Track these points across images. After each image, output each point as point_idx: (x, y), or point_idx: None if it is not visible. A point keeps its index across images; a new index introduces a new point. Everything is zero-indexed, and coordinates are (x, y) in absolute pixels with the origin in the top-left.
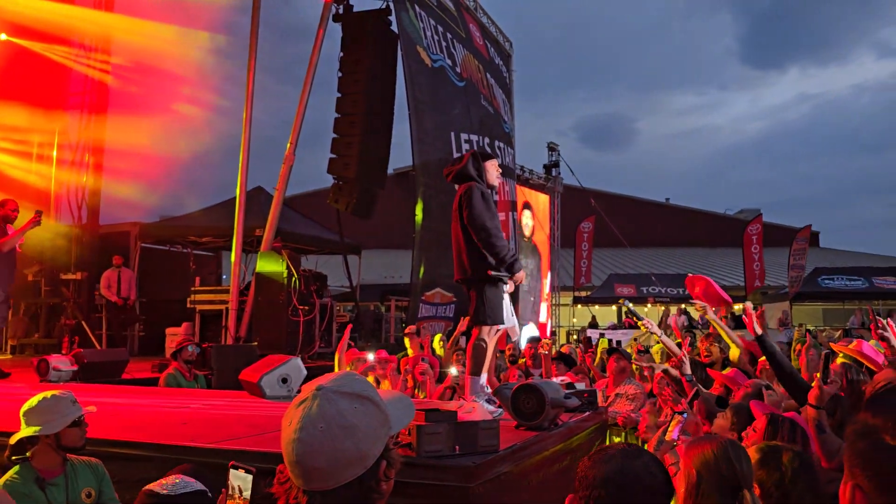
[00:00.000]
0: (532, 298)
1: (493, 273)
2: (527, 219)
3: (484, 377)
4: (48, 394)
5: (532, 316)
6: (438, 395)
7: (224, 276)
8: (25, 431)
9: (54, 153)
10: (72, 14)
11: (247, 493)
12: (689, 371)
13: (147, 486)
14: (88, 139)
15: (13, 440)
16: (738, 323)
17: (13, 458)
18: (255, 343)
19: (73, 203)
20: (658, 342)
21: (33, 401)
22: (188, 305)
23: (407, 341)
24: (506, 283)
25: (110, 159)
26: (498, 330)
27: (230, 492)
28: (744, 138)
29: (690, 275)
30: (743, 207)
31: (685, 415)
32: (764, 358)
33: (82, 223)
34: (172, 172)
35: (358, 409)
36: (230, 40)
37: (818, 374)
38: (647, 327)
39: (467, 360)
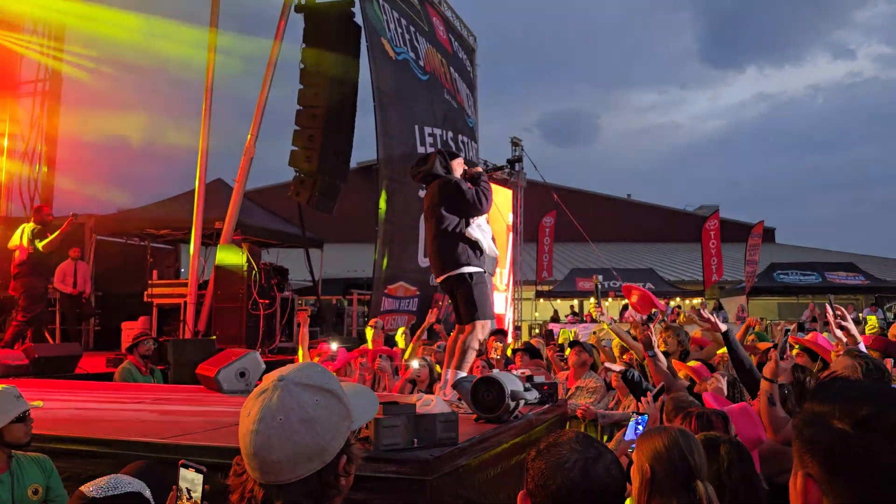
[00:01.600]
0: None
1: (471, 269)
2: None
3: (465, 372)
4: None
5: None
6: (398, 388)
7: (182, 270)
8: None
9: (5, 142)
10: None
11: (196, 495)
12: (652, 348)
13: (80, 488)
14: (41, 128)
15: None
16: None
17: None
18: (214, 337)
19: (24, 194)
20: (606, 325)
21: None
22: (145, 299)
23: (369, 333)
24: (489, 275)
25: (64, 149)
26: (485, 325)
27: (179, 493)
28: (703, 136)
29: (626, 283)
30: (702, 203)
31: (645, 417)
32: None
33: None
34: (129, 163)
35: (319, 402)
36: (189, 30)
37: (774, 349)
38: (598, 314)
39: (456, 354)
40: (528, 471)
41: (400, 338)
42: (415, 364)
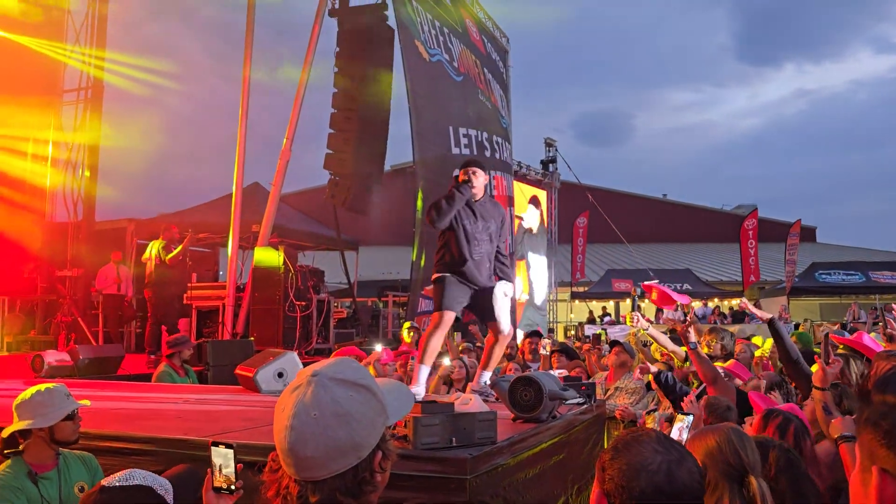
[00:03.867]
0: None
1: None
2: (532, 213)
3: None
4: (41, 387)
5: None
6: (433, 388)
7: (221, 272)
8: (17, 425)
9: (49, 150)
10: (63, 6)
11: (228, 470)
12: (694, 339)
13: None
14: (84, 136)
15: (5, 433)
16: (735, 318)
17: (5, 451)
18: (253, 339)
19: (68, 199)
20: (643, 331)
21: (26, 394)
22: (185, 301)
23: (406, 334)
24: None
25: (106, 156)
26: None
27: (214, 467)
28: (740, 134)
29: (645, 283)
30: (739, 203)
31: (690, 417)
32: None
33: (78, 220)
34: (168, 169)
35: (354, 398)
36: (226, 37)
37: (819, 356)
38: (634, 321)
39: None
40: (603, 471)
41: (406, 333)
42: (445, 361)
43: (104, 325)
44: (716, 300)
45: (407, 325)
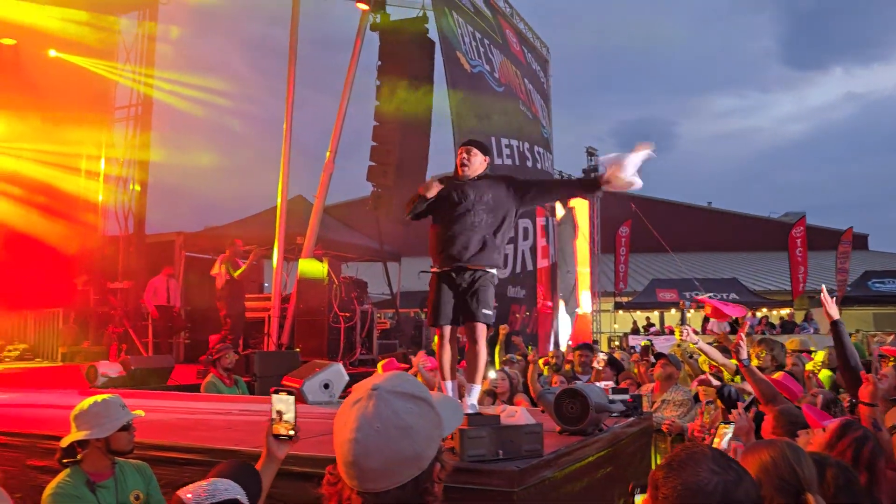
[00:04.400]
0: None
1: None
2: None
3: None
4: (98, 398)
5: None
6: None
7: (266, 284)
8: (76, 435)
9: (101, 166)
10: (115, 27)
11: (288, 416)
12: (745, 356)
13: (178, 492)
14: (134, 151)
15: (64, 443)
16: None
17: (64, 461)
18: (298, 350)
19: (119, 214)
20: (693, 345)
21: (84, 405)
22: None
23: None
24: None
25: (155, 170)
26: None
27: (274, 416)
28: (786, 140)
29: (699, 296)
30: (787, 210)
31: (732, 426)
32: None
33: (129, 233)
34: (215, 182)
35: (413, 410)
36: (269, 52)
37: (865, 371)
38: (683, 335)
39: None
40: (656, 489)
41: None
42: (491, 374)
43: (154, 336)
44: (764, 310)
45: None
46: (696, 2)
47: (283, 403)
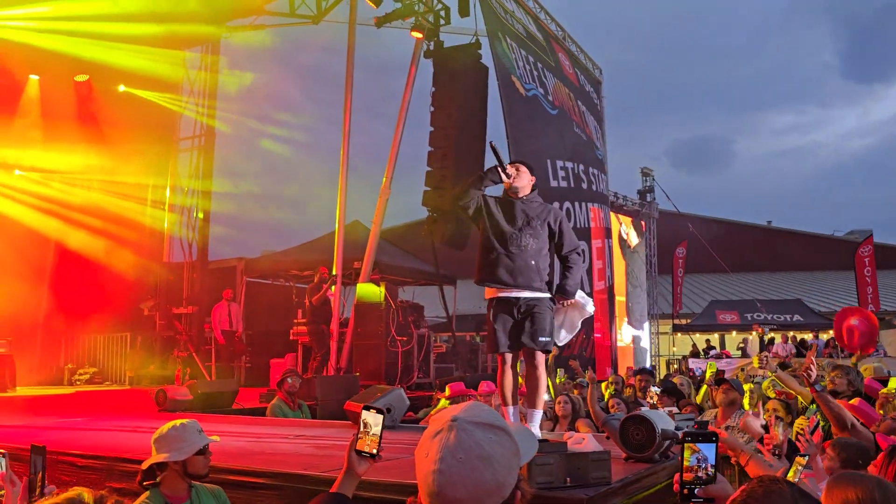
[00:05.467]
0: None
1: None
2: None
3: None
4: (177, 422)
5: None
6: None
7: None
8: (155, 458)
9: (167, 194)
10: (180, 61)
11: (376, 430)
12: (815, 380)
13: None
14: (197, 181)
15: (144, 465)
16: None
17: (144, 483)
18: (358, 374)
19: (184, 241)
20: (772, 373)
21: (164, 428)
22: (291, 337)
23: None
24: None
25: (217, 198)
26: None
27: (362, 429)
28: (850, 156)
29: (846, 307)
30: (852, 228)
31: (806, 457)
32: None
33: (192, 260)
34: (275, 209)
35: (493, 440)
36: (325, 81)
37: None
38: (762, 363)
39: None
40: None
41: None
42: (545, 398)
43: (217, 360)
44: (830, 332)
45: None
46: (750, 18)
47: (371, 420)
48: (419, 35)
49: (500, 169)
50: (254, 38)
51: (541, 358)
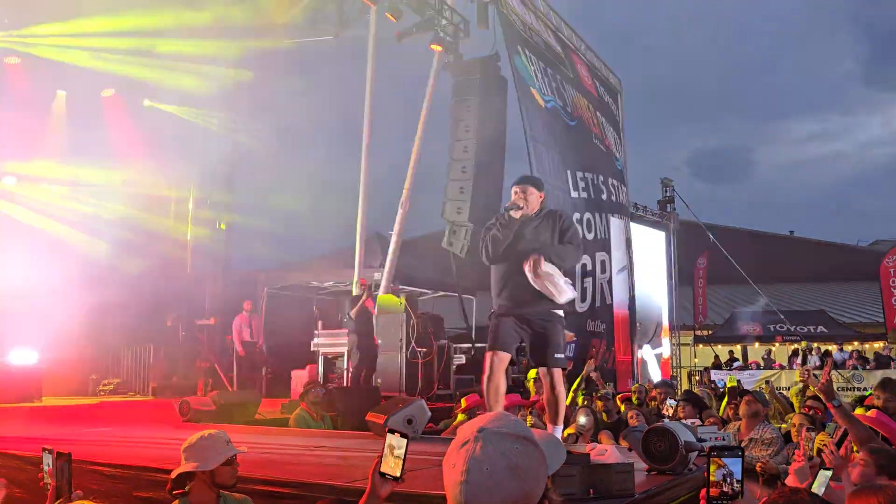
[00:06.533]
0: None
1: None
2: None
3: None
4: (206, 432)
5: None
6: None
7: (344, 320)
8: (184, 467)
9: (190, 206)
10: (202, 74)
11: (399, 451)
12: (833, 396)
13: None
14: (219, 193)
15: (174, 474)
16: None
17: (173, 492)
18: (378, 385)
19: (206, 253)
20: (799, 381)
21: (192, 438)
22: (311, 348)
23: (531, 385)
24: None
25: (239, 210)
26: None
27: (385, 451)
28: (873, 164)
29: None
30: (877, 238)
31: (829, 472)
32: None
33: (214, 272)
34: (295, 220)
35: (520, 450)
36: (345, 93)
37: None
38: (803, 376)
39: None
40: None
41: (531, 383)
42: (581, 420)
43: (238, 371)
44: (855, 343)
45: (532, 373)
46: (770, 27)
47: (396, 442)
48: (438, 48)
49: (509, 212)
50: (275, 52)
51: (558, 377)
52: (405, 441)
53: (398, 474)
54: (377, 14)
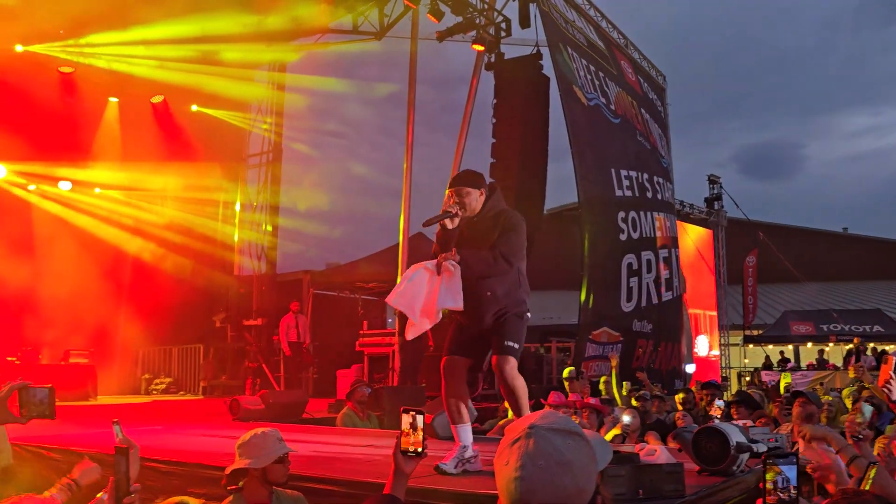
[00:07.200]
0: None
1: None
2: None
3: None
4: (259, 430)
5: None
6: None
7: (389, 320)
8: (238, 464)
9: (237, 209)
10: (249, 80)
11: (417, 433)
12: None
13: None
14: (266, 195)
15: (228, 470)
16: None
17: (228, 487)
18: (424, 385)
19: (253, 255)
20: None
21: (246, 436)
22: (357, 348)
23: (567, 385)
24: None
25: (285, 213)
26: None
27: (405, 429)
28: None
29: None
30: None
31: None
32: None
33: (261, 273)
34: (339, 222)
35: (571, 445)
36: (388, 95)
37: None
38: (858, 374)
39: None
40: None
41: (603, 387)
42: (626, 419)
43: (285, 371)
44: None
45: (567, 371)
46: (819, 18)
47: (412, 420)
48: (480, 48)
49: (442, 222)
50: (318, 54)
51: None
52: (421, 416)
53: (420, 449)
54: (419, 15)
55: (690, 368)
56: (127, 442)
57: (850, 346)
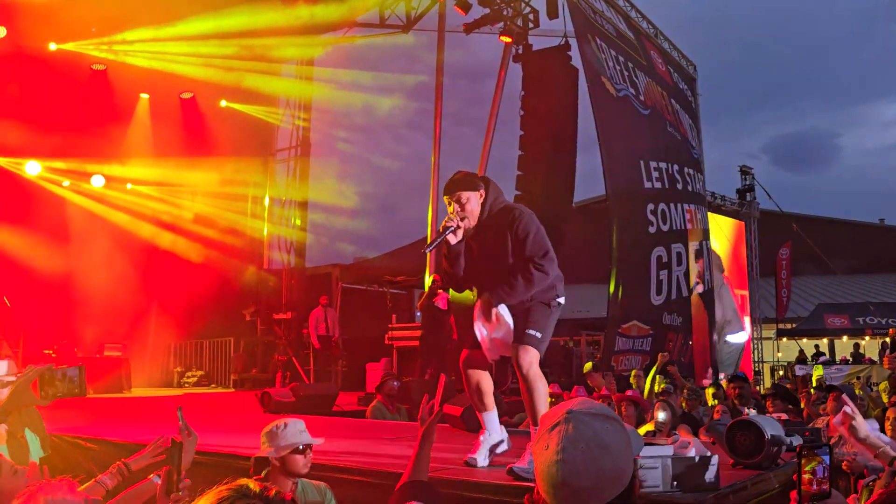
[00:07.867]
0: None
1: None
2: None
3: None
4: (281, 421)
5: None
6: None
7: (417, 314)
8: (259, 452)
9: (266, 203)
10: (276, 75)
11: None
12: None
13: None
14: (294, 189)
15: (252, 459)
16: None
17: (254, 477)
18: (453, 378)
19: (282, 249)
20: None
21: (270, 425)
22: (386, 342)
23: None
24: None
25: (313, 207)
26: None
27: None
28: None
29: None
30: None
31: None
32: None
33: (291, 266)
34: (368, 216)
35: (609, 429)
36: (415, 88)
37: None
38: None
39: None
40: None
41: (633, 380)
42: (660, 416)
43: (314, 364)
44: None
45: (587, 366)
46: (855, 7)
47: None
48: (508, 39)
49: (445, 237)
50: (346, 48)
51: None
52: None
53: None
54: (445, 7)
55: (742, 337)
56: (187, 429)
57: (885, 338)
